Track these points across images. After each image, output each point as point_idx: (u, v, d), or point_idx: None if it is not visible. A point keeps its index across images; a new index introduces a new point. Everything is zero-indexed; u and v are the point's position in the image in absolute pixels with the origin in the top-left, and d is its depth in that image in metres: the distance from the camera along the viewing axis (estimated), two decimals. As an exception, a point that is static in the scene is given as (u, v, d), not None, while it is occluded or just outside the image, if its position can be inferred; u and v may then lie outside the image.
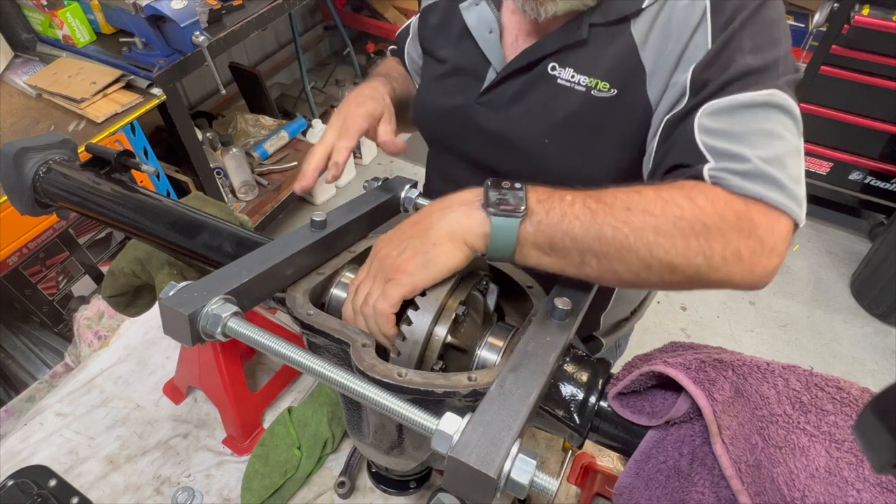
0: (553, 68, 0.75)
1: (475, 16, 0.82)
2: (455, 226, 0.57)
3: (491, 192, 0.57)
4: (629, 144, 0.73)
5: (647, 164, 0.71)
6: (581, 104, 0.73)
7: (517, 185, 0.58)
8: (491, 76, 0.82)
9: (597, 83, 0.72)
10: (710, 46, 0.64)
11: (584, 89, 0.73)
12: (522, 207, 0.56)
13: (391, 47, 1.12)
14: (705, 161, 0.60)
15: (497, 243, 0.57)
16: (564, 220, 0.56)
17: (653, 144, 0.69)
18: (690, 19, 0.66)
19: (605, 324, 1.05)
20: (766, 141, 0.59)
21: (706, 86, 0.62)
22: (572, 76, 0.73)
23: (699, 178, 0.59)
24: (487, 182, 0.59)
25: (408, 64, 1.06)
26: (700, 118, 0.62)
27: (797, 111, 0.61)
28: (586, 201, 0.57)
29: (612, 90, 0.71)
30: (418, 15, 0.98)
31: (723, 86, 0.61)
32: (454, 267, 0.57)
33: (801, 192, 0.59)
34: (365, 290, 0.59)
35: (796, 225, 0.58)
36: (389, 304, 0.56)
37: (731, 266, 0.57)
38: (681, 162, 0.63)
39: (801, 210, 0.58)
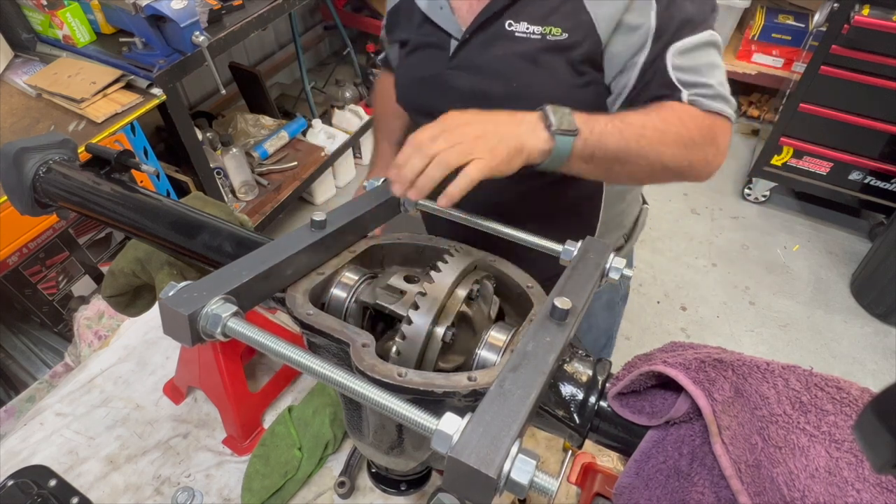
0: (510, 24, 0.86)
1: (425, 1, 0.94)
2: (526, 140, 0.68)
3: (552, 116, 0.70)
4: (585, 77, 0.86)
5: (617, 99, 0.86)
6: (538, 49, 0.85)
7: (566, 109, 0.71)
8: (454, 45, 0.92)
9: (550, 30, 0.84)
10: None
11: (539, 37, 0.84)
12: (575, 127, 0.70)
13: (379, 57, 1.25)
14: (680, 91, 0.81)
15: (556, 156, 0.71)
16: (603, 137, 0.73)
17: (620, 81, 0.85)
18: None
19: None
20: (714, 70, 0.82)
21: (665, 33, 0.80)
22: (527, 28, 0.85)
23: (679, 101, 0.80)
24: (545, 107, 0.70)
25: (393, 66, 1.15)
26: (672, 59, 0.81)
27: (721, 41, 0.84)
28: (614, 121, 0.74)
29: (564, 34, 0.83)
30: (385, 21, 1.10)
31: (676, 31, 0.80)
32: (511, 173, 0.68)
33: (733, 99, 0.84)
34: (442, 145, 0.65)
35: (732, 123, 0.84)
36: (463, 189, 0.64)
37: (700, 167, 0.82)
38: (662, 93, 0.82)
39: (734, 112, 0.83)
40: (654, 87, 0.82)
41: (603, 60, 0.85)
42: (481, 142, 0.65)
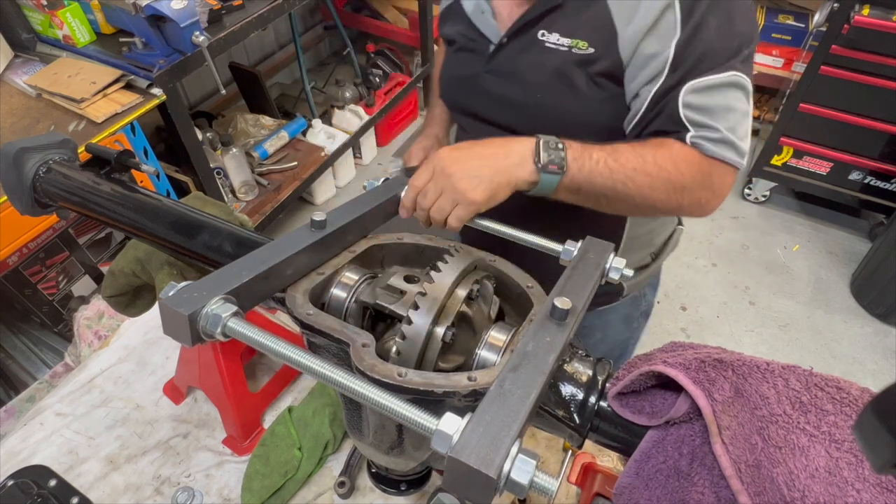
0: (542, 34, 0.88)
1: (472, 4, 0.99)
2: (512, 173, 0.74)
3: (542, 153, 0.74)
4: (606, 92, 0.87)
5: (630, 122, 0.86)
6: (564, 61, 0.87)
7: (560, 146, 0.75)
8: (491, 49, 0.96)
9: (577, 43, 0.85)
10: (679, 26, 0.78)
11: (566, 49, 0.86)
12: (563, 165, 0.74)
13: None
14: (687, 130, 0.80)
15: (540, 189, 0.76)
16: (591, 176, 0.76)
17: (635, 106, 0.85)
18: None
19: None
20: (727, 114, 0.79)
21: (681, 64, 0.79)
22: (557, 39, 0.87)
23: (682, 140, 0.80)
24: (539, 141, 0.75)
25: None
26: (683, 96, 0.79)
27: (749, 83, 0.81)
28: (607, 160, 0.77)
29: (590, 49, 0.84)
30: (439, 17, 1.15)
31: (695, 64, 0.78)
32: (501, 201, 0.74)
33: (746, 146, 0.81)
34: (432, 197, 0.74)
35: (738, 170, 0.83)
36: (461, 223, 0.74)
37: (691, 209, 0.83)
38: (667, 129, 0.81)
39: (743, 160, 0.81)
40: (662, 119, 0.82)
41: (624, 79, 0.85)
42: (466, 183, 0.71)
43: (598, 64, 0.84)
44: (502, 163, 0.74)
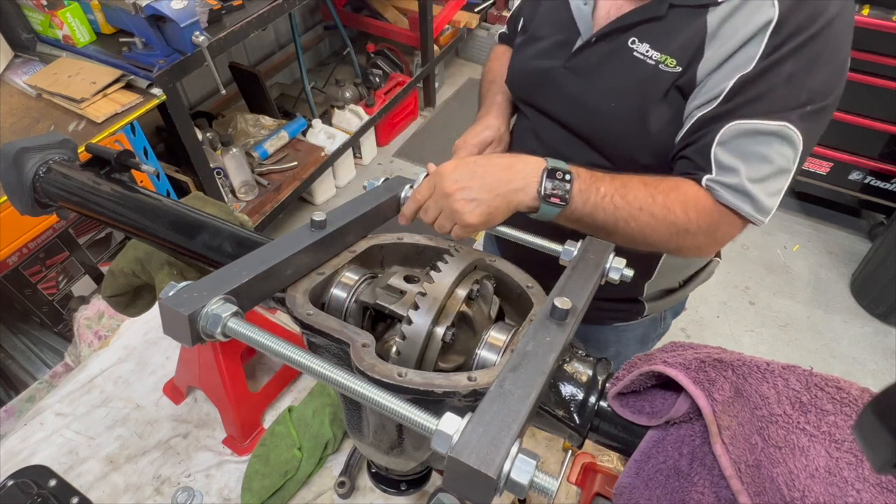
0: (633, 42, 0.85)
1: None
2: (512, 199, 0.73)
3: (546, 183, 0.73)
4: (673, 109, 0.84)
5: (677, 139, 0.84)
6: (649, 76, 0.83)
7: (567, 177, 0.74)
8: (579, 43, 0.91)
9: (665, 59, 0.82)
10: (755, 60, 0.74)
11: (653, 63, 0.83)
12: (567, 198, 0.73)
13: (501, 31, 1.23)
14: (709, 170, 0.78)
15: (540, 216, 0.76)
16: (594, 210, 0.76)
17: (685, 125, 0.82)
18: (752, 25, 0.74)
19: (649, 290, 1.10)
20: (759, 164, 0.76)
21: (736, 98, 0.75)
22: (647, 50, 0.83)
23: (698, 182, 0.79)
24: (546, 169, 0.74)
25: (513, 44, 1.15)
26: (722, 134, 0.76)
27: (799, 141, 0.75)
28: (613, 197, 0.75)
29: (677, 67, 0.81)
30: (518, 2, 1.13)
31: (749, 103, 0.75)
32: (499, 223, 0.75)
33: (771, 203, 0.78)
34: (433, 215, 0.74)
35: (750, 223, 0.81)
36: (463, 237, 0.74)
37: (690, 251, 0.82)
38: (692, 158, 0.80)
39: (763, 217, 0.78)
40: (694, 149, 0.79)
41: (688, 97, 0.82)
42: (463, 205, 0.71)
43: (678, 80, 0.81)
44: (503, 188, 0.73)
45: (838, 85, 0.77)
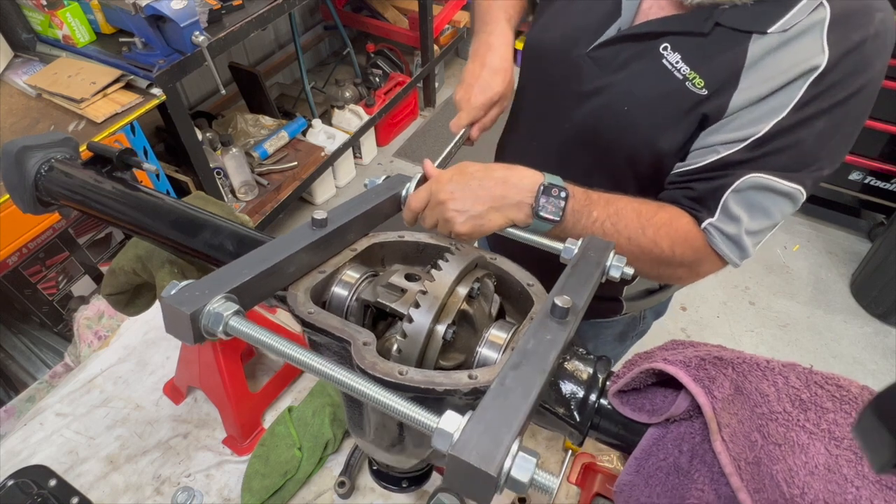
0: (665, 48, 0.79)
1: None
2: (506, 213, 0.74)
3: (542, 199, 0.73)
4: (686, 133, 0.80)
5: (682, 167, 0.81)
6: (673, 90, 0.78)
7: (563, 195, 0.73)
8: (611, 32, 0.85)
9: (695, 77, 0.77)
10: (790, 108, 0.71)
11: (680, 78, 0.78)
12: (559, 216, 0.73)
13: None
14: (712, 214, 0.77)
15: (531, 230, 0.75)
16: (584, 232, 0.76)
17: (695, 155, 0.79)
18: (797, 67, 0.70)
19: (629, 291, 1.08)
20: (760, 217, 0.77)
21: (768, 143, 0.73)
22: (677, 62, 0.78)
23: (696, 219, 0.79)
24: (542, 185, 0.73)
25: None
26: (741, 182, 0.75)
27: (802, 200, 0.77)
28: (604, 224, 0.76)
29: (704, 90, 0.76)
30: None
31: (777, 155, 0.73)
32: (491, 233, 0.75)
33: (753, 251, 0.80)
34: (430, 223, 0.76)
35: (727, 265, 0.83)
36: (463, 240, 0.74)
37: (670, 280, 0.85)
38: (701, 197, 0.78)
39: (741, 263, 0.81)
40: (706, 186, 0.77)
41: (708, 127, 0.79)
42: (456, 216, 0.73)
43: (702, 105, 0.77)
44: (498, 202, 0.73)
45: (843, 155, 0.78)
